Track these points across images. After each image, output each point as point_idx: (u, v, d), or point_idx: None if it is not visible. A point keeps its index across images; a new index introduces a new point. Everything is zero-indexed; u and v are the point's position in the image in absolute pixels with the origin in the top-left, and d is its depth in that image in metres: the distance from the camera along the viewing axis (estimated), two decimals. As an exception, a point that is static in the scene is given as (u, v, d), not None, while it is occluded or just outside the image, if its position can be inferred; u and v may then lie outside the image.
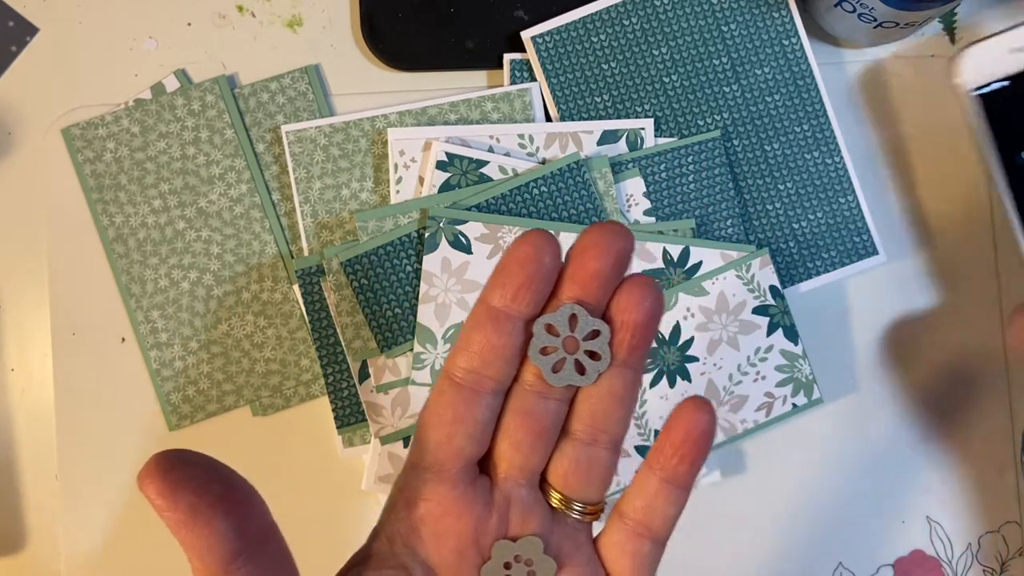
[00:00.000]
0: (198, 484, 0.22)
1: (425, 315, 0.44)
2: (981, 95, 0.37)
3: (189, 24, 0.48)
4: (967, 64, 0.37)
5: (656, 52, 0.47)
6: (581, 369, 0.25)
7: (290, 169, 0.46)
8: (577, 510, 0.26)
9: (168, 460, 0.21)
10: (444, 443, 0.25)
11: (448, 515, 0.25)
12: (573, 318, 0.24)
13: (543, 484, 0.27)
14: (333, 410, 0.45)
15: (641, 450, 0.44)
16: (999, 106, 0.37)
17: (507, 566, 0.26)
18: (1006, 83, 0.36)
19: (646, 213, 0.46)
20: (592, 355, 0.25)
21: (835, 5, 0.44)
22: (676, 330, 0.45)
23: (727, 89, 0.47)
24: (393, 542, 0.26)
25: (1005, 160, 0.37)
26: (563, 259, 0.24)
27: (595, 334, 0.24)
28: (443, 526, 0.25)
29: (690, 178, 0.46)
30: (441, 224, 0.44)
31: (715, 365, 0.45)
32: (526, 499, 0.26)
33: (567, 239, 0.44)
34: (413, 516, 0.26)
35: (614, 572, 0.27)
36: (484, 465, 0.27)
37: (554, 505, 0.27)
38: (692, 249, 0.45)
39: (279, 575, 0.23)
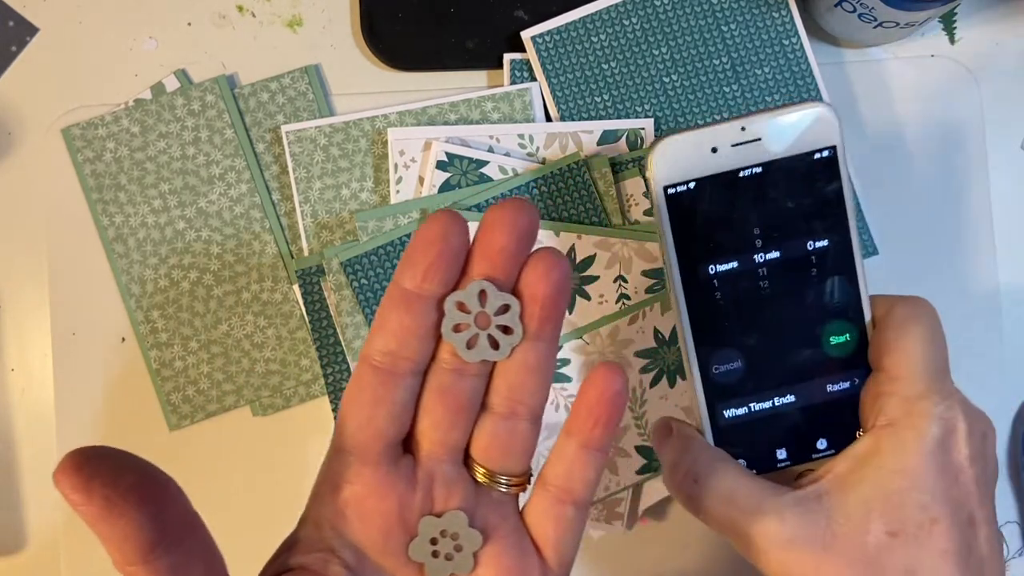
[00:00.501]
0: (111, 477, 0.22)
1: (425, 315, 0.44)
2: (671, 193, 0.33)
3: (189, 24, 0.48)
4: (661, 156, 0.33)
5: (656, 52, 0.47)
6: (494, 344, 0.25)
7: (290, 169, 0.46)
8: (503, 483, 0.27)
9: (81, 455, 0.21)
10: (365, 425, 0.25)
11: (372, 496, 0.26)
12: (483, 294, 0.25)
13: (467, 460, 0.27)
14: (333, 410, 0.45)
15: (640, 450, 0.44)
16: (688, 208, 0.33)
17: (433, 541, 0.26)
18: (694, 185, 0.33)
19: (646, 213, 0.46)
20: (504, 329, 0.25)
21: (835, 5, 0.44)
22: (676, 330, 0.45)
23: (727, 89, 0.47)
24: (320, 527, 0.26)
25: (684, 269, 0.33)
26: (470, 238, 0.25)
27: (505, 308, 0.25)
28: (368, 507, 0.26)
29: (690, 178, 0.46)
30: (441, 224, 0.44)
31: (715, 365, 0.45)
32: (449, 475, 0.26)
33: (567, 239, 0.44)
34: (338, 499, 0.26)
35: (539, 538, 0.27)
36: (407, 445, 0.27)
37: (479, 480, 0.27)
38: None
39: (202, 565, 0.23)
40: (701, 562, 0.47)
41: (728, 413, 0.34)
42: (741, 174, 0.33)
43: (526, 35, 0.46)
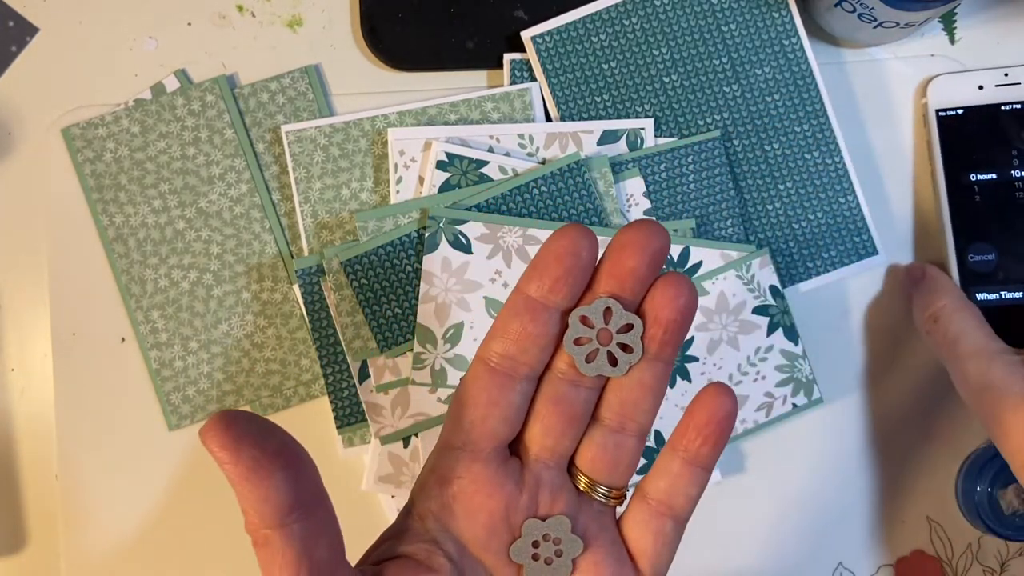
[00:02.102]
0: (258, 439, 0.22)
1: (425, 315, 0.44)
2: (942, 116, 0.45)
3: (189, 24, 0.48)
4: (936, 87, 0.46)
5: (656, 52, 0.47)
6: (613, 360, 0.26)
7: (290, 169, 0.46)
8: (602, 493, 0.27)
9: (229, 416, 0.22)
10: (478, 424, 0.26)
11: (480, 493, 0.26)
12: (608, 311, 0.25)
13: (571, 468, 0.28)
14: (333, 410, 0.45)
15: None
16: (955, 129, 0.45)
17: (535, 544, 0.27)
18: (962, 111, 0.45)
19: (646, 213, 0.46)
20: (624, 347, 0.26)
21: (835, 5, 0.44)
22: (676, 330, 0.45)
23: (727, 89, 0.47)
24: (425, 519, 0.27)
25: (948, 176, 0.45)
26: (599, 254, 0.25)
27: (628, 328, 0.25)
28: (475, 503, 0.26)
29: (690, 178, 0.46)
30: (441, 224, 0.44)
31: (715, 365, 0.45)
32: (555, 481, 0.27)
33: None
34: (446, 493, 0.27)
35: (637, 550, 0.28)
36: (514, 448, 0.28)
37: (581, 488, 0.28)
38: (692, 249, 0.45)
39: (328, 537, 0.24)
40: (701, 561, 0.47)
41: (980, 296, 0.44)
42: (1003, 107, 0.45)
43: (526, 35, 0.46)
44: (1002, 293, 0.44)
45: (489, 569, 0.27)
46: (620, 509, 0.29)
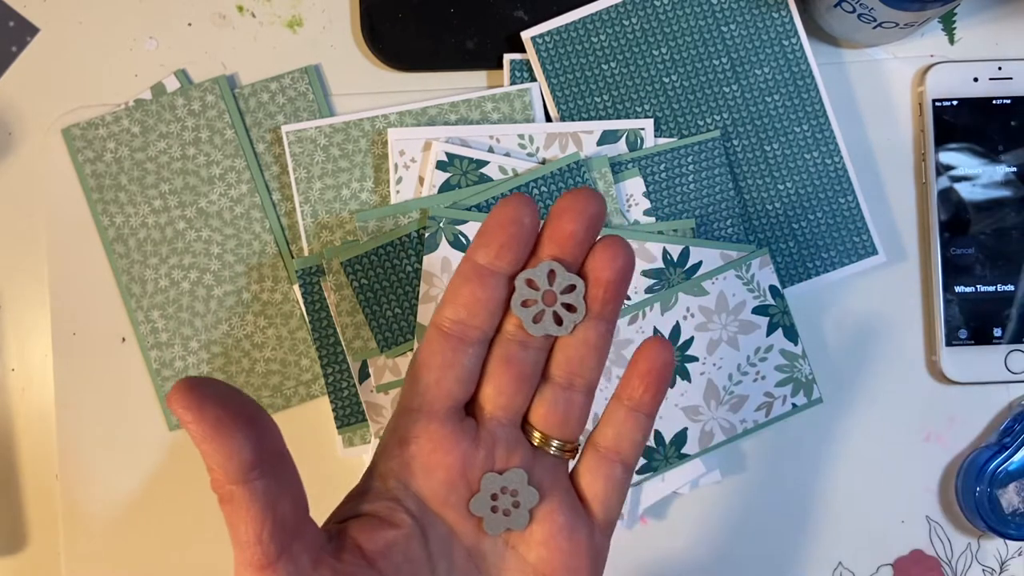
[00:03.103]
0: (220, 400, 0.23)
1: (425, 315, 0.44)
2: (937, 106, 0.46)
3: (189, 24, 0.48)
4: (934, 76, 0.46)
5: (656, 52, 0.47)
6: (559, 320, 0.27)
7: (290, 169, 0.46)
8: (556, 447, 0.29)
9: (193, 380, 0.23)
10: (433, 386, 0.27)
11: (438, 450, 0.27)
12: (551, 273, 0.27)
13: (524, 425, 0.29)
14: (333, 410, 0.45)
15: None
16: (949, 120, 0.46)
17: (494, 497, 0.28)
18: (956, 103, 0.46)
19: (646, 213, 0.46)
20: (568, 307, 0.27)
21: (835, 5, 0.44)
22: (676, 330, 0.45)
23: (727, 89, 0.47)
24: (386, 478, 0.28)
25: (940, 165, 0.46)
26: (540, 221, 0.27)
27: (571, 288, 0.27)
28: (433, 460, 0.27)
29: (690, 178, 0.46)
30: (441, 224, 0.44)
31: (715, 365, 0.45)
32: (510, 437, 0.28)
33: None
34: (405, 453, 0.28)
35: (588, 496, 0.29)
36: (470, 408, 0.29)
37: (535, 443, 0.29)
38: (692, 249, 0.45)
39: (291, 494, 0.25)
40: (701, 562, 0.47)
41: (958, 288, 0.45)
42: (994, 102, 0.46)
43: (526, 35, 0.46)
44: (977, 287, 0.46)
45: (450, 523, 0.28)
46: (572, 463, 0.30)
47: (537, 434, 0.29)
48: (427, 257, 0.44)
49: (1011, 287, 0.46)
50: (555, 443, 0.29)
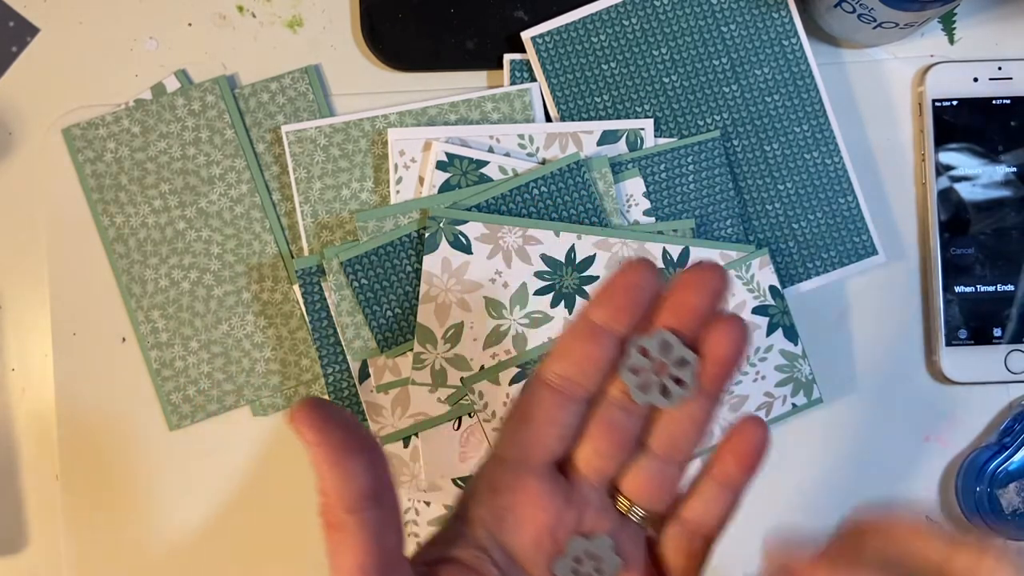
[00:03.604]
0: (345, 426, 0.24)
1: (425, 315, 0.44)
2: (937, 105, 0.46)
3: (189, 24, 0.48)
4: (934, 76, 0.46)
5: (656, 52, 0.47)
6: (666, 392, 0.27)
7: (290, 169, 0.46)
8: (640, 516, 0.28)
9: (317, 401, 0.24)
10: (534, 439, 0.27)
11: (531, 506, 0.27)
12: (666, 344, 0.26)
13: (612, 488, 0.29)
14: (333, 410, 0.45)
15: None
16: (948, 119, 0.46)
17: (577, 560, 0.27)
18: (956, 103, 0.46)
19: (646, 213, 0.46)
20: (678, 381, 0.27)
21: (835, 6, 0.44)
22: (676, 330, 0.45)
23: (727, 89, 0.47)
24: (475, 526, 0.27)
25: (940, 165, 0.46)
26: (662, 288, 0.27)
27: (683, 362, 0.26)
28: (526, 515, 0.27)
29: (690, 178, 0.46)
30: (441, 224, 0.44)
31: (715, 365, 0.45)
32: (599, 501, 0.28)
33: (567, 239, 0.44)
34: (497, 503, 0.27)
35: (671, 569, 0.29)
36: (562, 465, 0.28)
37: (620, 509, 0.28)
38: (692, 249, 0.45)
39: (395, 530, 0.25)
40: (701, 562, 0.47)
41: (958, 288, 0.45)
42: (993, 102, 0.46)
43: (526, 35, 0.46)
44: (977, 287, 0.46)
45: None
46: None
47: (624, 501, 0.28)
48: (427, 257, 0.44)
49: (1011, 287, 0.46)
50: (640, 511, 0.28)
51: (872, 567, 0.23)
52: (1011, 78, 0.46)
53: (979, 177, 0.46)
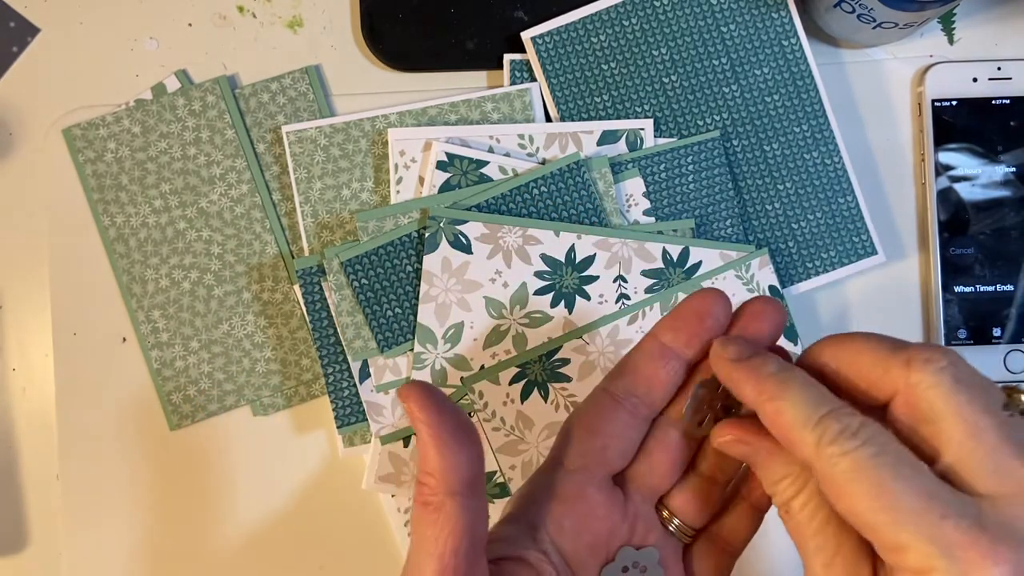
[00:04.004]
0: (455, 411, 0.24)
1: (425, 315, 0.44)
2: (936, 106, 0.46)
3: (190, 25, 0.48)
4: (934, 76, 0.46)
5: (656, 52, 0.47)
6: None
7: (290, 169, 0.46)
8: (679, 529, 0.30)
9: (427, 385, 0.25)
10: (599, 452, 0.28)
11: (591, 516, 0.28)
12: (724, 390, 0.28)
13: (659, 504, 0.30)
14: (333, 410, 0.45)
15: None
16: (948, 120, 0.46)
17: (624, 569, 0.29)
18: (956, 103, 0.46)
19: (646, 213, 0.46)
20: (728, 410, 0.28)
21: (834, 6, 0.44)
22: (676, 330, 0.45)
23: (727, 89, 0.47)
24: (536, 529, 0.28)
25: (939, 165, 0.46)
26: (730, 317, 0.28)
27: (739, 403, 0.28)
28: (585, 524, 0.28)
29: (690, 178, 0.46)
30: (441, 224, 0.44)
31: (715, 365, 0.45)
32: (649, 515, 0.29)
33: (567, 239, 0.44)
34: (558, 510, 0.28)
35: None
36: (616, 476, 0.30)
37: (663, 522, 0.30)
38: (692, 249, 0.45)
39: (485, 519, 0.26)
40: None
41: (958, 288, 0.45)
42: (993, 102, 0.46)
43: (526, 36, 0.46)
44: (977, 287, 0.46)
45: None
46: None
47: (667, 514, 0.30)
48: (427, 257, 0.44)
49: (1010, 287, 0.46)
50: (680, 525, 0.30)
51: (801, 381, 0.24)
52: (1010, 78, 0.46)
53: (978, 177, 0.46)
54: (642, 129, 0.46)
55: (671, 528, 0.30)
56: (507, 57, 0.47)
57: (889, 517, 0.21)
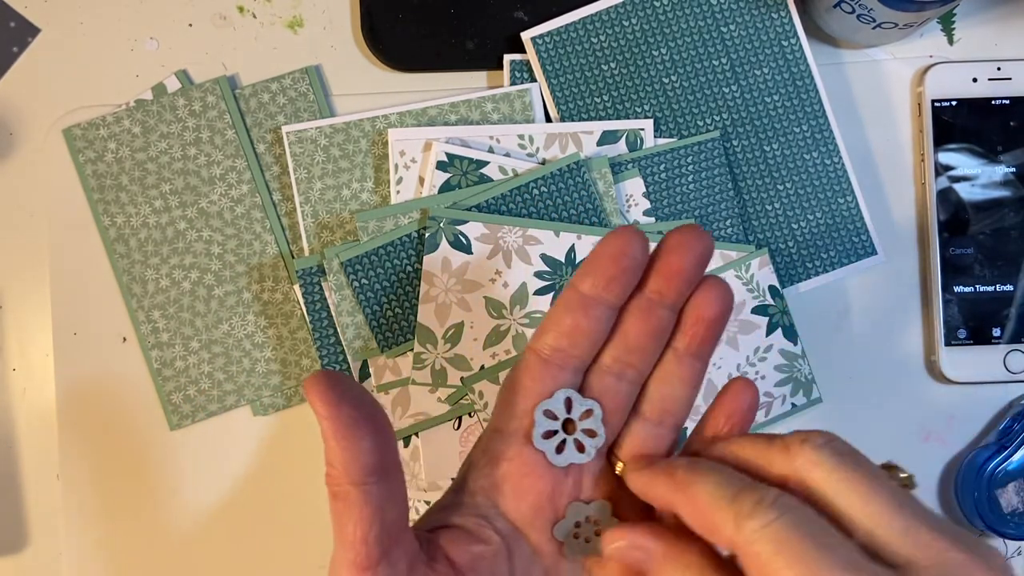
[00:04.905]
0: (357, 402, 0.24)
1: (425, 315, 0.44)
2: (936, 106, 0.46)
3: (190, 25, 0.48)
4: (933, 77, 0.46)
5: (656, 53, 0.47)
6: (580, 447, 0.28)
7: (291, 169, 0.46)
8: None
9: (332, 375, 0.24)
10: (529, 411, 0.28)
11: (530, 475, 0.28)
12: (568, 401, 0.27)
13: (609, 454, 0.29)
14: (333, 410, 0.45)
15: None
16: (947, 120, 0.46)
17: (577, 524, 0.28)
18: (955, 103, 0.46)
19: (646, 213, 0.46)
20: (588, 432, 0.28)
21: (834, 6, 0.44)
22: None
23: (727, 90, 0.47)
24: (475, 495, 0.28)
25: (939, 165, 0.46)
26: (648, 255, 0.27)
27: (589, 413, 0.28)
28: (524, 484, 0.28)
29: (689, 178, 0.46)
30: (441, 224, 0.44)
31: (714, 365, 0.45)
32: (596, 467, 0.29)
33: (567, 239, 0.44)
34: (496, 473, 0.28)
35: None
36: None
37: (617, 472, 0.29)
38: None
39: (398, 503, 0.26)
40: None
41: (957, 288, 0.45)
42: (993, 102, 0.46)
43: (526, 36, 0.46)
44: (976, 287, 0.46)
45: (533, 544, 0.28)
46: None
47: (620, 465, 0.29)
48: (427, 257, 0.44)
49: (1010, 287, 0.46)
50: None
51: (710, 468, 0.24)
52: (1010, 78, 0.46)
53: (978, 177, 0.46)
54: (642, 129, 0.46)
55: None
56: (507, 57, 0.47)
57: None
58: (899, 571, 0.21)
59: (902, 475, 0.24)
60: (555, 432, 0.28)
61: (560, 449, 0.28)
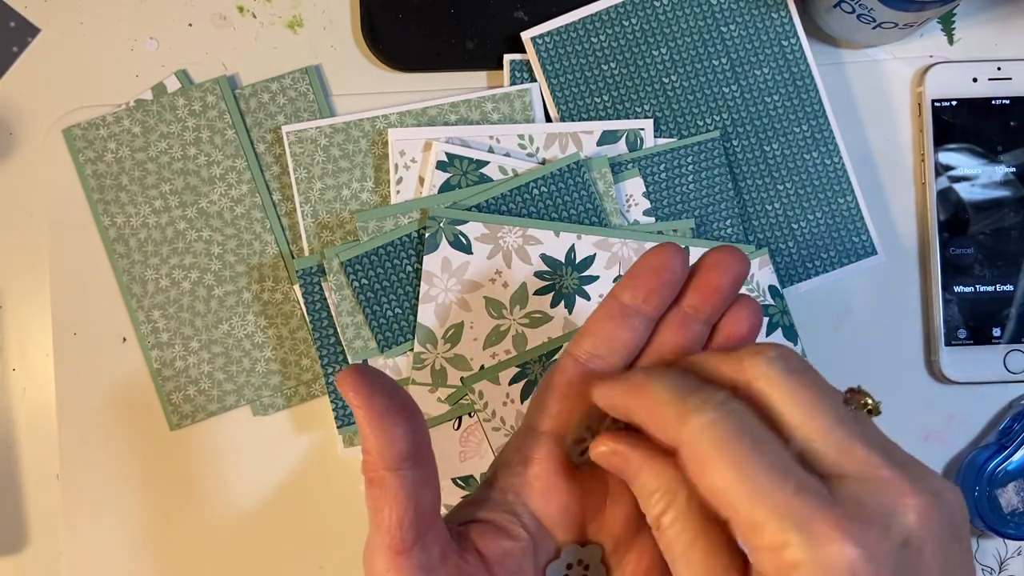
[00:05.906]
0: (388, 391, 0.25)
1: (425, 315, 0.44)
2: (936, 106, 0.46)
3: (190, 25, 0.48)
4: (933, 77, 0.46)
5: (656, 53, 0.47)
6: None
7: (291, 169, 0.46)
8: None
9: (363, 368, 0.25)
10: (565, 413, 0.29)
11: (561, 475, 0.29)
12: (570, 567, 0.28)
13: None
14: (333, 410, 0.45)
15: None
16: (948, 120, 0.46)
17: (568, 567, 0.29)
18: (955, 103, 0.46)
19: (646, 213, 0.46)
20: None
21: (834, 6, 0.44)
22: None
23: (727, 89, 0.47)
24: (505, 492, 0.29)
25: (939, 165, 0.46)
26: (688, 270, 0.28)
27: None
28: (555, 484, 0.29)
29: (689, 178, 0.46)
30: (441, 224, 0.44)
31: (715, 365, 0.45)
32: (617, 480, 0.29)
33: (567, 239, 0.44)
34: (528, 472, 0.29)
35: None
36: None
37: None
38: (692, 249, 0.45)
39: (432, 488, 0.26)
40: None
41: (957, 288, 0.45)
42: (993, 102, 0.46)
43: (526, 36, 0.46)
44: (976, 287, 0.46)
45: (559, 544, 0.29)
46: None
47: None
48: (427, 257, 0.44)
49: (1010, 287, 0.46)
50: None
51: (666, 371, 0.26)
52: (1010, 78, 0.46)
53: (978, 177, 0.46)
54: (642, 129, 0.46)
55: None
56: (507, 57, 0.47)
57: (747, 489, 0.21)
58: (828, 481, 0.22)
59: (868, 400, 0.24)
60: None
61: None
